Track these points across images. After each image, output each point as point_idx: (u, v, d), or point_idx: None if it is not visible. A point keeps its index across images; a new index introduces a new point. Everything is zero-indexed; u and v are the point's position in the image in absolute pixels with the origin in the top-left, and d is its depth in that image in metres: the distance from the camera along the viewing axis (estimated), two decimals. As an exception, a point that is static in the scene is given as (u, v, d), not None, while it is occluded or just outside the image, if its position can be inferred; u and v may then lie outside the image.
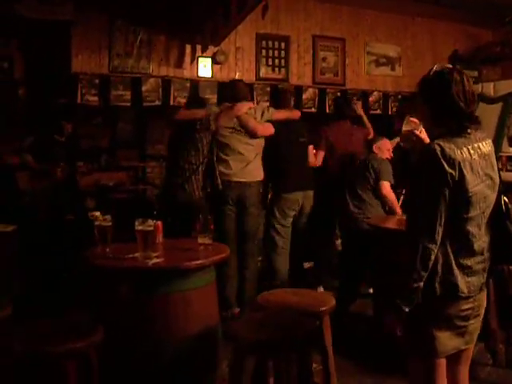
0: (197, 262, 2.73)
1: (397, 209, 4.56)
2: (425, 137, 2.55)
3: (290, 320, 2.60)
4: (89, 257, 2.81)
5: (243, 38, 7.10)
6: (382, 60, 8.01)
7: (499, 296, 3.34)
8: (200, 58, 6.81)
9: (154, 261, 2.68)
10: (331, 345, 2.93)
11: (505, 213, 2.12)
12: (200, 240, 3.02)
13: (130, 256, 2.74)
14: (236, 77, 7.00)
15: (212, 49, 6.83)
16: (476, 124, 2.07)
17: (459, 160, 1.96)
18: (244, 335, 2.43)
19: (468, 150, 2.00)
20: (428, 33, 8.23)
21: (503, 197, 2.12)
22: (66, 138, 5.50)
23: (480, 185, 2.01)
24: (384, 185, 4.54)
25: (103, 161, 6.28)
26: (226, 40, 6.82)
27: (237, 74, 7.06)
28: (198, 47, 6.81)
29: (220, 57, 6.87)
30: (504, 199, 2.12)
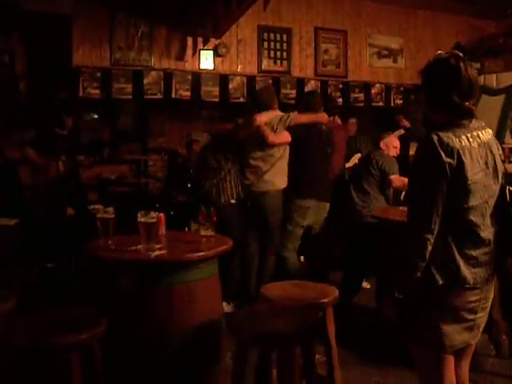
0: (199, 254, 2.73)
1: None
2: None
3: (294, 312, 2.59)
4: (91, 249, 2.81)
5: (245, 31, 7.08)
6: (384, 52, 8.00)
7: (502, 286, 3.32)
8: (202, 51, 6.80)
9: (157, 253, 2.67)
10: (334, 336, 2.92)
11: (509, 202, 2.10)
12: (202, 232, 3.00)
13: (133, 248, 2.74)
14: (238, 69, 6.99)
15: (214, 41, 6.82)
16: (470, 117, 2.02)
17: (458, 148, 1.94)
18: (247, 327, 2.43)
19: (467, 138, 1.98)
20: (430, 25, 8.20)
21: (508, 187, 2.10)
22: (68, 132, 5.48)
23: (480, 173, 1.99)
24: (393, 179, 4.55)
25: (105, 154, 6.28)
26: (228, 32, 6.82)
27: (238, 67, 7.05)
28: (200, 40, 6.80)
29: (222, 49, 6.87)
30: (509, 188, 2.09)
